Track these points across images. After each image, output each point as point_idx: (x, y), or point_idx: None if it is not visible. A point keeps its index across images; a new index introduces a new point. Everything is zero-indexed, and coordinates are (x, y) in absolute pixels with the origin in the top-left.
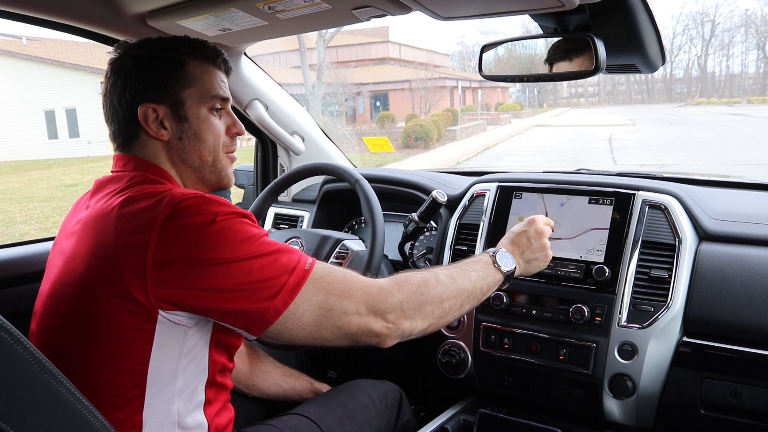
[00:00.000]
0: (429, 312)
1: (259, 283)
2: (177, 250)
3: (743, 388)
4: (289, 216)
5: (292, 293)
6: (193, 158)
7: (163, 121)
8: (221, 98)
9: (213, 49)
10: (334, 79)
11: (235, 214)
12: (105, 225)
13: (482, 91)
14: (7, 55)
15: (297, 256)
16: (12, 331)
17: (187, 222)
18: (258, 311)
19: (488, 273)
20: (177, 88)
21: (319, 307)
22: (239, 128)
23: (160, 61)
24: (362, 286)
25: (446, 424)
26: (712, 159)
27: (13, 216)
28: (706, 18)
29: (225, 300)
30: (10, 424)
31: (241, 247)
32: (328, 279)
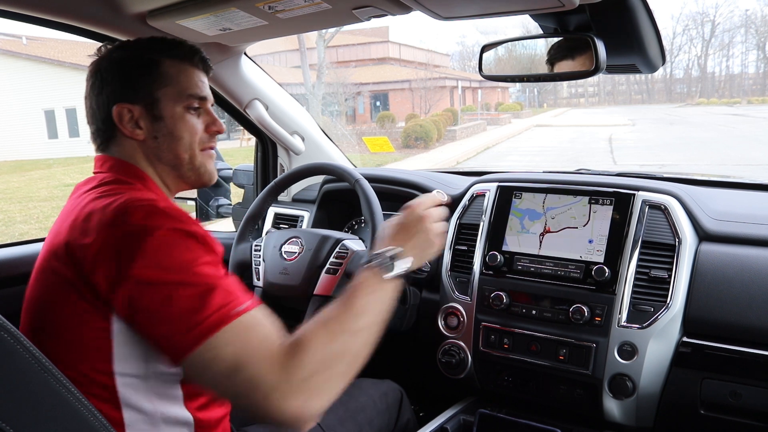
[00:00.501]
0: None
1: (178, 313)
2: (111, 259)
3: (743, 388)
4: (289, 216)
5: (207, 332)
6: (169, 156)
7: (138, 120)
8: (198, 97)
9: (189, 47)
10: (334, 79)
11: (180, 232)
12: (63, 227)
13: (482, 91)
14: (7, 55)
15: (232, 297)
16: (12, 330)
17: (127, 230)
18: (170, 343)
19: (377, 288)
20: (151, 88)
21: (229, 360)
22: (219, 126)
23: (134, 62)
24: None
25: (446, 424)
26: (712, 159)
27: (13, 215)
28: (706, 18)
29: (144, 320)
30: (10, 424)
31: (171, 269)
32: (249, 333)
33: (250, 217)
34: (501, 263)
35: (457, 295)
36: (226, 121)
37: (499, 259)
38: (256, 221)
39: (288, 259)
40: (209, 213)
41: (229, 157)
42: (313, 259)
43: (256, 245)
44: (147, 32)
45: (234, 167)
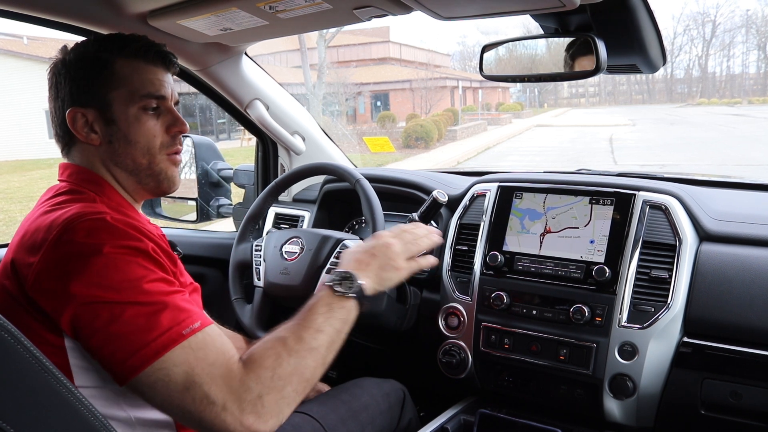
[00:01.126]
0: (292, 392)
1: (125, 333)
2: (56, 276)
3: (743, 388)
4: (290, 216)
5: (155, 354)
6: (126, 162)
7: (92, 125)
8: (154, 96)
9: (144, 43)
10: (335, 79)
11: (127, 249)
12: (14, 242)
13: (483, 91)
14: (8, 55)
15: (182, 316)
16: (12, 330)
17: (71, 248)
18: (116, 362)
19: (334, 310)
20: (103, 90)
21: (177, 381)
22: (180, 126)
23: (85, 63)
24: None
25: (446, 424)
26: (713, 159)
27: (14, 215)
28: (707, 18)
29: (91, 339)
30: (10, 424)
31: (117, 288)
32: (199, 354)
33: (250, 217)
34: (501, 263)
35: (457, 295)
36: (226, 121)
37: (500, 259)
38: (256, 221)
39: (288, 259)
40: (210, 213)
41: (229, 157)
42: (313, 259)
43: (256, 245)
44: (148, 32)
45: (235, 167)
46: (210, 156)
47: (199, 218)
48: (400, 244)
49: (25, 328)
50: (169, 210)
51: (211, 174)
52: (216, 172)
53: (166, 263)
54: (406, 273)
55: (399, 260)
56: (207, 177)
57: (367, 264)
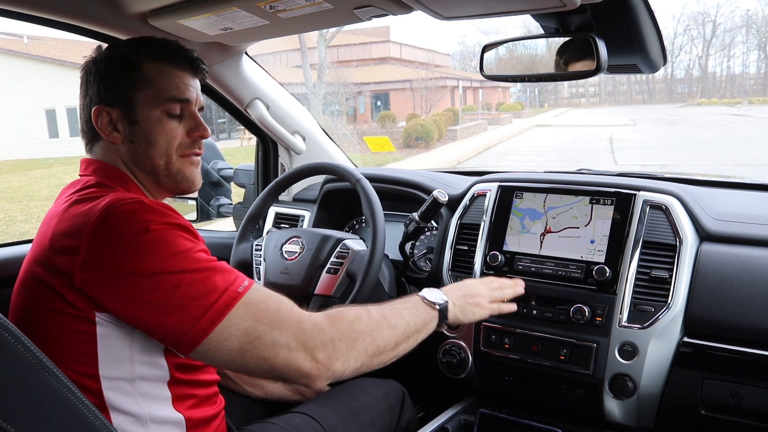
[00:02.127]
0: (362, 350)
1: (187, 300)
2: (104, 257)
3: (744, 388)
4: (290, 215)
5: (220, 314)
6: (145, 162)
7: (116, 124)
8: (178, 100)
9: (173, 47)
10: (335, 79)
11: (171, 225)
12: (46, 230)
13: (483, 90)
14: (8, 54)
15: (233, 276)
16: (13, 330)
17: (118, 229)
18: (183, 331)
19: (420, 310)
20: (129, 90)
21: (247, 333)
22: (202, 131)
23: (115, 63)
24: (296, 319)
25: (447, 423)
26: (713, 159)
27: (14, 215)
28: (707, 18)
29: (150, 314)
30: (11, 424)
31: (171, 260)
32: (261, 306)
33: (250, 217)
34: (502, 263)
35: None
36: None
37: (500, 259)
38: (256, 221)
39: (289, 258)
40: (210, 212)
41: (230, 157)
42: (313, 258)
43: (256, 245)
44: (148, 32)
45: (235, 167)
46: (210, 155)
47: (200, 218)
48: (486, 289)
49: (57, 314)
50: None
51: (211, 173)
52: (216, 171)
53: (200, 239)
54: (488, 312)
55: (483, 300)
56: (207, 176)
57: (454, 294)
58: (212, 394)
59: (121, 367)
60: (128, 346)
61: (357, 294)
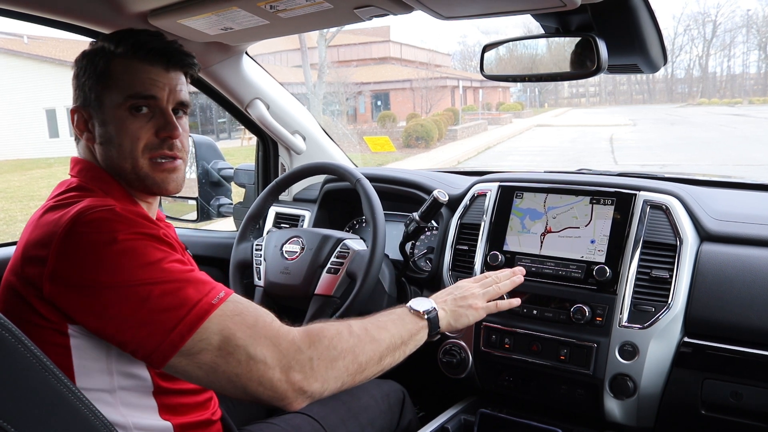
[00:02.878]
0: (343, 369)
1: (157, 313)
2: (71, 268)
3: (744, 388)
4: (290, 215)
5: (191, 328)
6: (112, 164)
7: (88, 124)
8: (142, 96)
9: (137, 40)
10: (336, 79)
11: (140, 235)
12: (22, 237)
13: (483, 90)
14: (8, 54)
15: (207, 288)
16: (13, 330)
17: (84, 239)
18: (154, 344)
19: (406, 321)
20: (97, 89)
21: (220, 348)
22: (170, 131)
23: (87, 63)
24: (273, 335)
25: (447, 423)
26: (714, 159)
27: (14, 215)
28: (708, 18)
29: (119, 328)
30: (11, 423)
31: (140, 271)
32: (236, 319)
33: (251, 217)
34: (502, 263)
35: None
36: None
37: (500, 259)
38: (257, 221)
39: (289, 258)
40: (210, 212)
41: (230, 157)
42: (314, 258)
43: (257, 245)
44: None
45: (235, 167)
46: (210, 155)
47: (200, 218)
48: (479, 288)
49: (29, 326)
50: (169, 209)
51: (211, 173)
52: (216, 171)
53: (176, 247)
54: (483, 313)
55: (477, 301)
56: (207, 176)
57: (444, 300)
58: (205, 399)
59: (99, 378)
60: (105, 358)
61: (357, 294)
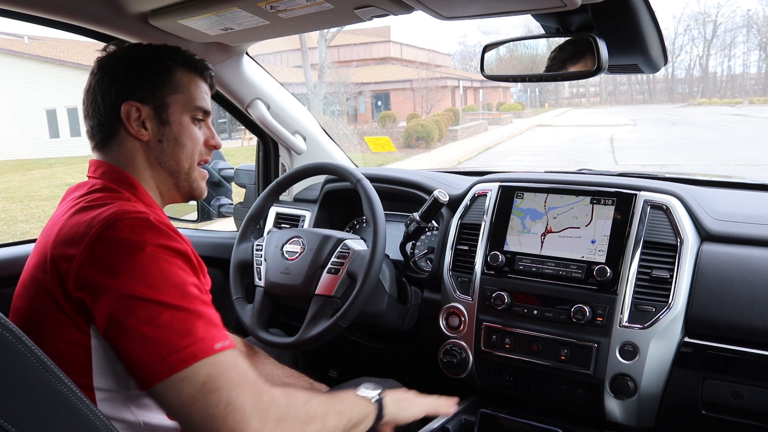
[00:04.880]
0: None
1: (158, 335)
2: (96, 270)
3: (745, 388)
4: (291, 215)
5: (183, 363)
6: (170, 162)
7: (144, 121)
8: (203, 110)
9: (201, 62)
10: (336, 79)
11: (169, 250)
12: (50, 235)
13: (484, 90)
14: (8, 54)
15: (214, 331)
16: (14, 330)
17: (116, 242)
18: (144, 365)
19: (358, 402)
20: (163, 92)
21: (205, 384)
22: (217, 142)
23: (149, 63)
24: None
25: (447, 423)
26: (714, 159)
27: (14, 215)
28: (708, 18)
29: (119, 337)
30: (12, 423)
31: (159, 288)
32: (228, 365)
33: (251, 217)
34: (502, 263)
35: (458, 295)
36: (227, 120)
37: (501, 259)
38: (257, 221)
39: (289, 258)
40: (211, 212)
41: (230, 157)
42: (314, 258)
43: (257, 245)
44: (149, 32)
45: (236, 167)
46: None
47: (200, 218)
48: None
49: (55, 324)
50: (170, 209)
51: (212, 173)
52: (217, 171)
53: (198, 268)
54: (423, 410)
55: (420, 400)
56: (208, 177)
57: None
58: None
59: (115, 379)
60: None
61: (358, 294)
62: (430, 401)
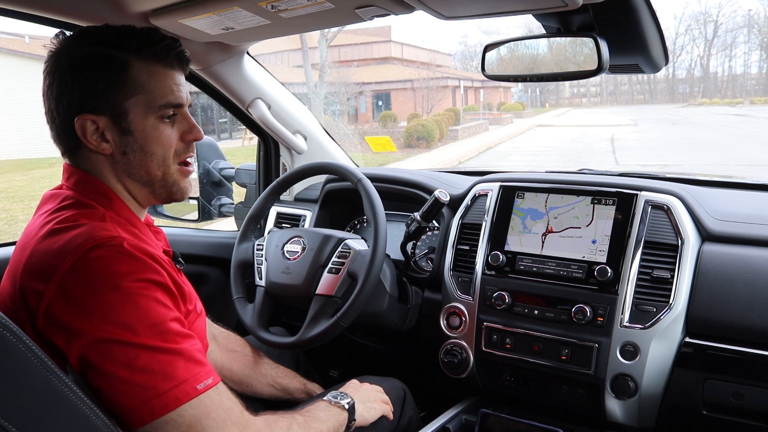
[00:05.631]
0: None
1: (139, 378)
2: (69, 308)
3: (745, 388)
4: (292, 215)
5: (165, 407)
6: (140, 173)
7: (104, 133)
8: (173, 105)
9: (162, 45)
10: (337, 79)
11: (148, 283)
12: (20, 258)
13: (484, 90)
14: (9, 54)
15: (196, 370)
16: (14, 329)
17: (86, 280)
18: (125, 408)
19: (332, 413)
20: (119, 97)
21: (190, 425)
22: (196, 134)
23: (98, 63)
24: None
25: (448, 423)
26: (715, 159)
27: (15, 214)
28: (709, 18)
29: (96, 379)
30: (12, 423)
31: (138, 329)
32: (213, 405)
33: (252, 217)
34: (503, 263)
35: (459, 295)
36: (227, 120)
37: (502, 258)
38: (258, 220)
39: (290, 258)
40: (211, 212)
41: (231, 156)
42: (315, 258)
43: (258, 244)
44: None
45: (236, 166)
46: (212, 155)
47: (201, 217)
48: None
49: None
50: (170, 209)
51: (212, 173)
52: (218, 171)
53: (177, 295)
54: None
55: (381, 396)
56: (209, 176)
57: (353, 393)
58: None
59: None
60: None
61: (358, 294)
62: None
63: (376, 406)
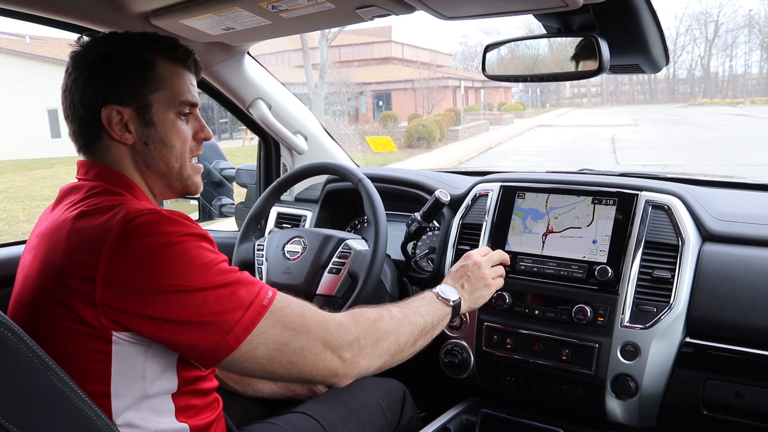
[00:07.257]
0: (385, 348)
1: (213, 316)
2: (127, 272)
3: (746, 389)
4: (292, 215)
5: (246, 330)
6: (159, 164)
7: (127, 124)
8: (190, 103)
9: (184, 49)
10: (337, 79)
11: (193, 236)
12: (56, 241)
13: (485, 90)
14: (10, 54)
15: (257, 288)
16: (15, 329)
17: (138, 242)
18: (209, 347)
19: (435, 307)
20: (144, 90)
21: (275, 341)
22: (206, 133)
23: (127, 60)
24: (321, 321)
25: (448, 424)
26: (715, 159)
27: (16, 214)
28: (710, 18)
29: (175, 331)
30: (13, 423)
31: (196, 275)
32: (286, 312)
33: (252, 217)
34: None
35: None
36: (228, 120)
37: None
38: (258, 221)
39: (291, 258)
40: (212, 212)
41: (232, 157)
42: (315, 258)
43: (258, 245)
44: (150, 32)
45: (237, 167)
46: (212, 155)
47: (202, 217)
48: (487, 270)
49: (70, 333)
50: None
51: (213, 173)
52: (218, 171)
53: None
54: (494, 289)
55: (488, 278)
56: (209, 176)
57: (462, 286)
58: (212, 400)
59: (132, 384)
60: (142, 364)
61: (359, 294)
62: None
63: (484, 293)
